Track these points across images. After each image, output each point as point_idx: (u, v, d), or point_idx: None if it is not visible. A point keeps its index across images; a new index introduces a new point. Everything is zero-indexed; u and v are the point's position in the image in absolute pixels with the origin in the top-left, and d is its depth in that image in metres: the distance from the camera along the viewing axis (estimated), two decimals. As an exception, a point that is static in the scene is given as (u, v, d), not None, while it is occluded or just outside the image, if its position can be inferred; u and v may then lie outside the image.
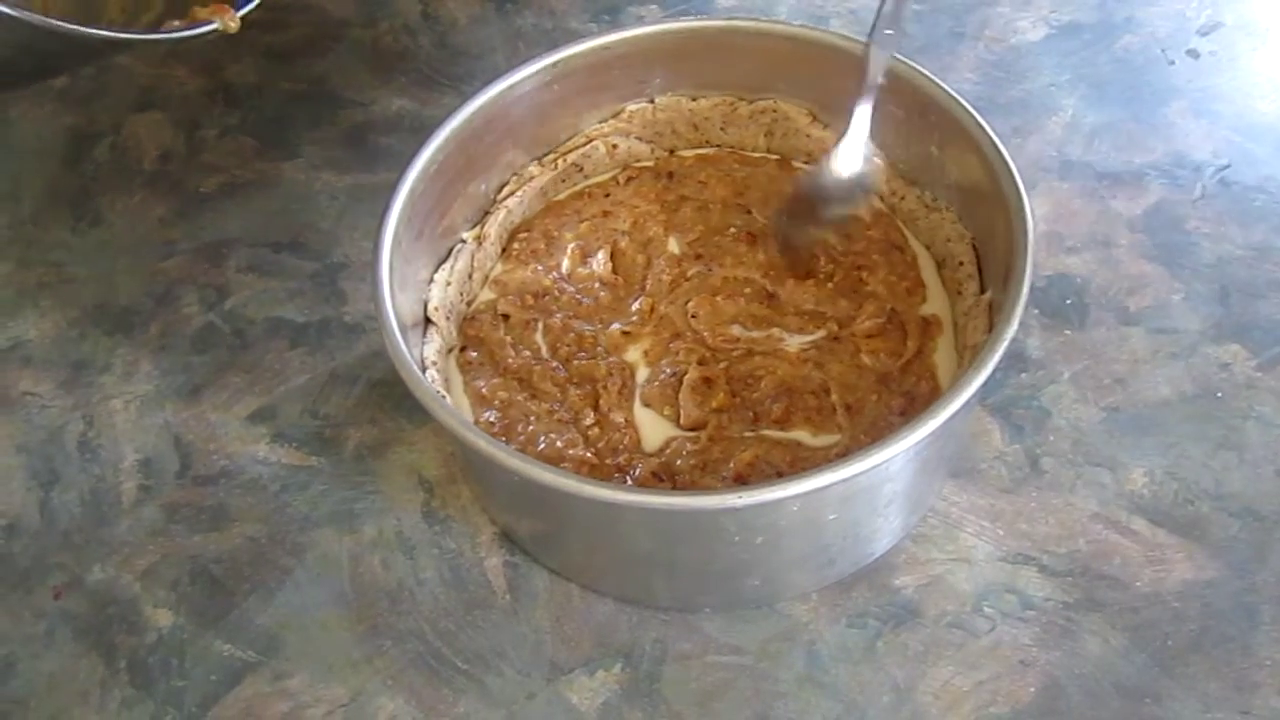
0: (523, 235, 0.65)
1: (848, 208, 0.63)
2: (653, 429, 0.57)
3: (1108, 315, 0.65)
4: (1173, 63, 0.79)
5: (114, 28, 0.60)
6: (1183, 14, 0.82)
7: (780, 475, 0.54)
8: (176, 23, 0.57)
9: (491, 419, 0.57)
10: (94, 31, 0.51)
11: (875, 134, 0.64)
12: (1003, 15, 0.83)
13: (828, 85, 0.64)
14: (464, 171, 0.62)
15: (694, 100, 0.67)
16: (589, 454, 0.56)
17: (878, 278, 0.61)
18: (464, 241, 0.63)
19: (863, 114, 0.60)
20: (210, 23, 0.57)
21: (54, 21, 0.48)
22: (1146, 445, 0.60)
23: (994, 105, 0.76)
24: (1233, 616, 0.54)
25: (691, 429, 0.57)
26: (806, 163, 0.67)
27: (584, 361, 0.59)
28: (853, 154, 0.60)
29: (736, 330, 0.60)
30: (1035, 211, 0.68)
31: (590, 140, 0.67)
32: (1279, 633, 0.53)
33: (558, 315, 0.61)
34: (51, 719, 0.55)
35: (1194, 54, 0.79)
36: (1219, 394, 0.62)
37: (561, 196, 0.68)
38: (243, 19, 0.59)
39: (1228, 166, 0.72)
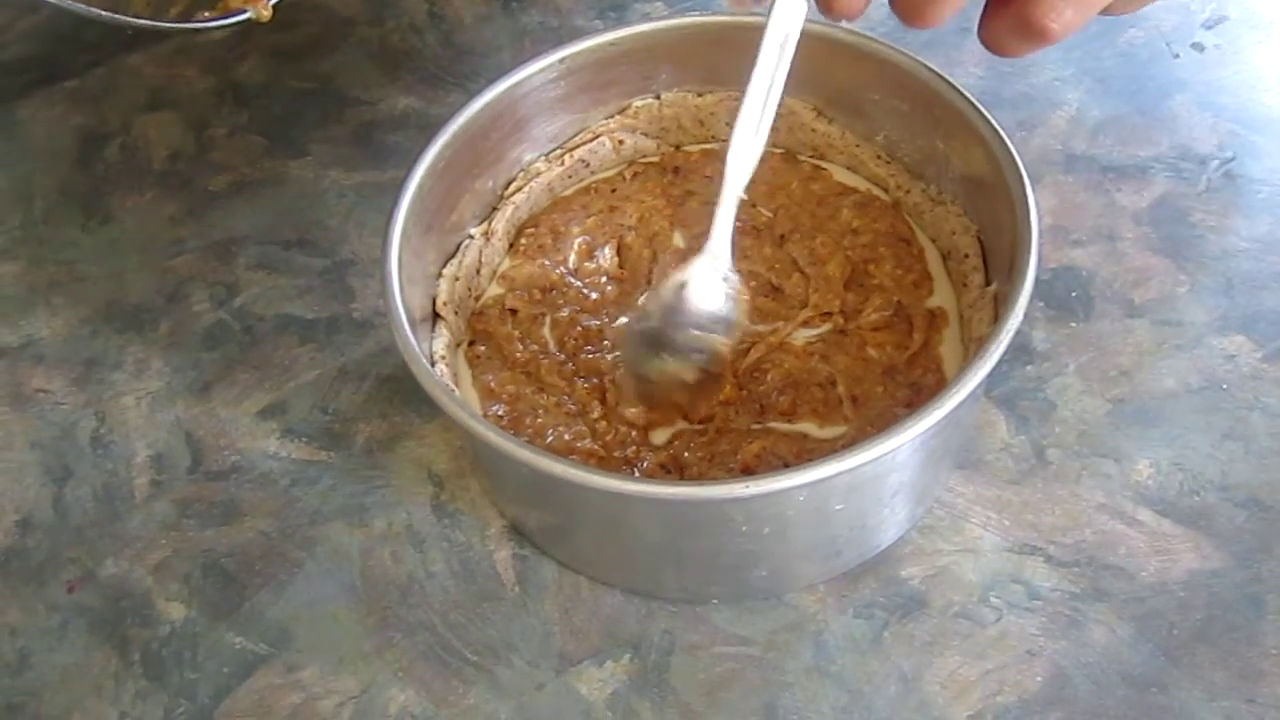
0: (530, 231, 0.66)
1: (706, 342, 0.54)
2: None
3: (1113, 308, 0.65)
4: (1177, 56, 0.79)
5: (149, 17, 0.61)
6: (1187, 7, 0.82)
7: (787, 466, 0.54)
8: (207, 13, 0.58)
9: (500, 412, 0.58)
10: (133, 21, 0.52)
11: (881, 129, 0.65)
12: (1007, 10, 0.83)
13: (832, 80, 0.64)
14: (471, 168, 0.62)
15: (700, 96, 0.68)
16: (597, 447, 0.56)
17: (884, 271, 0.62)
18: (471, 237, 0.63)
19: (724, 227, 0.52)
20: (244, 11, 0.58)
21: (95, 10, 0.49)
22: (1152, 436, 0.60)
23: (999, 99, 0.76)
24: (1239, 606, 0.54)
25: (699, 422, 0.57)
26: (812, 157, 0.68)
27: (591, 355, 0.59)
28: (713, 279, 0.53)
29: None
30: (1040, 205, 0.68)
31: (596, 136, 0.67)
32: (1285, 622, 0.54)
33: (565, 309, 0.62)
34: (66, 711, 0.56)
35: (1199, 47, 0.79)
36: (1224, 385, 0.62)
37: (568, 192, 0.68)
38: (275, 7, 0.59)
39: (1232, 159, 0.72)
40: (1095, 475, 0.59)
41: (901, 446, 0.46)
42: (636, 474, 0.55)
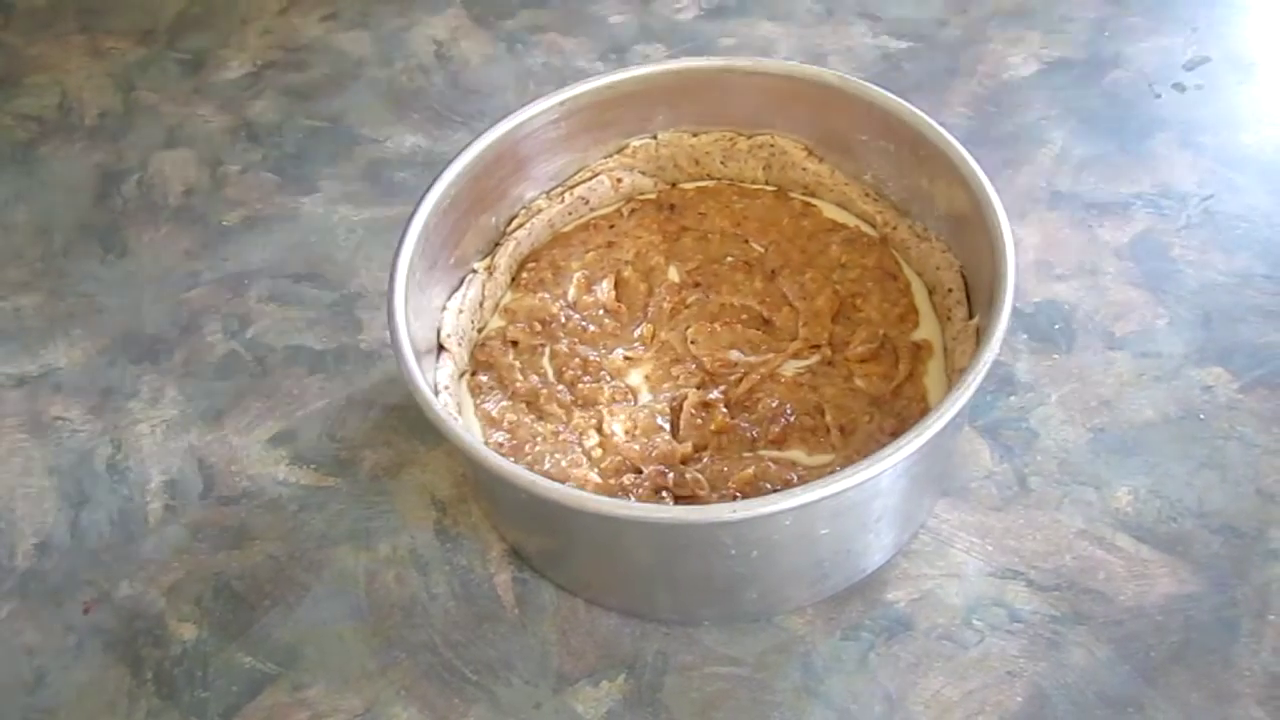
0: (531, 265, 0.68)
1: None
2: (655, 450, 0.60)
3: (1094, 340, 0.67)
4: (1159, 96, 0.81)
5: None
6: (1169, 49, 0.84)
7: (776, 492, 0.56)
8: None
9: (500, 440, 0.60)
10: None
11: (869, 168, 0.67)
12: (995, 52, 0.86)
13: (822, 122, 0.67)
14: (475, 205, 0.65)
15: (695, 136, 0.70)
16: (593, 473, 0.58)
17: (871, 304, 0.64)
18: (475, 271, 0.66)
19: None
20: None
21: None
22: (1131, 465, 0.62)
23: (986, 138, 0.79)
24: (1213, 629, 0.56)
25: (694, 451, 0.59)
26: (803, 195, 0.70)
27: (588, 385, 0.62)
28: None
29: (734, 355, 0.63)
30: (1025, 240, 0.70)
31: (596, 174, 0.70)
32: (1258, 645, 0.55)
33: (564, 341, 0.64)
34: (81, 727, 0.58)
35: (1180, 88, 0.82)
36: (1201, 415, 0.64)
37: (568, 228, 0.70)
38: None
39: (1211, 196, 0.74)
40: (1076, 502, 0.61)
41: (884, 472, 0.48)
42: (631, 499, 0.57)
